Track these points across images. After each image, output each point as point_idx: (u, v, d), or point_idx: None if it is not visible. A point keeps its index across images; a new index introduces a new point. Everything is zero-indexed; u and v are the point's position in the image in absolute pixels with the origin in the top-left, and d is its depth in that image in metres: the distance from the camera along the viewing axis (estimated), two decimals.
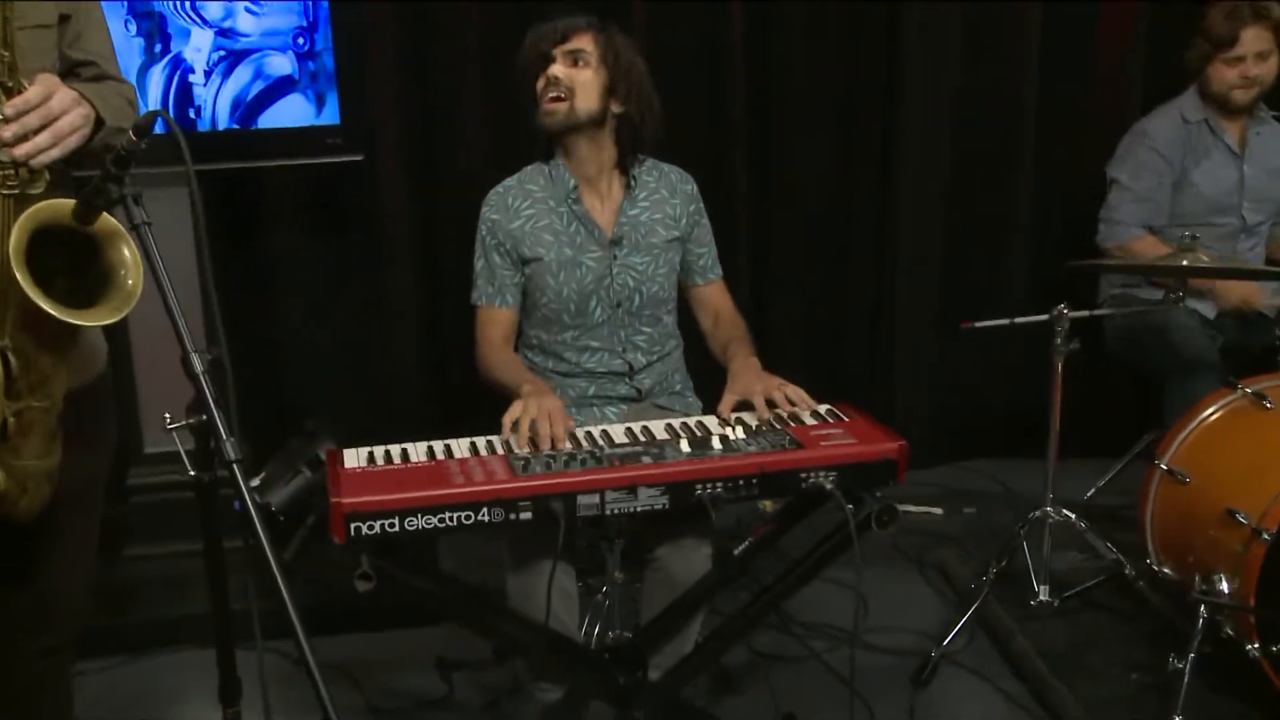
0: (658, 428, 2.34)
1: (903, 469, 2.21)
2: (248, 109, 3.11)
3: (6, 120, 1.61)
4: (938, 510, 3.76)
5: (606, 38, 2.55)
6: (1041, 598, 2.98)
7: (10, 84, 1.63)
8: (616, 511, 2.11)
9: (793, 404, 2.33)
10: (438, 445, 2.27)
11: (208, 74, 3.07)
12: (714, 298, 2.74)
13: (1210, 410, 2.86)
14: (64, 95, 1.65)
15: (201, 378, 1.54)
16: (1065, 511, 3.01)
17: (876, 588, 3.18)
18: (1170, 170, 3.38)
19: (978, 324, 2.94)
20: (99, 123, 1.73)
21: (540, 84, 2.54)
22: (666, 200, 2.67)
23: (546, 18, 2.61)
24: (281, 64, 3.10)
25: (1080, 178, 3.91)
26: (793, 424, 2.31)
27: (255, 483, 2.35)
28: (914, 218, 3.92)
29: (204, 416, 1.55)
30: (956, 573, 3.30)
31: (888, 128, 3.88)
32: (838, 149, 3.90)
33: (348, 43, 3.14)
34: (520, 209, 2.61)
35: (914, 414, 4.06)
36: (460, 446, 2.27)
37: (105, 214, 1.65)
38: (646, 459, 2.15)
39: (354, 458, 2.21)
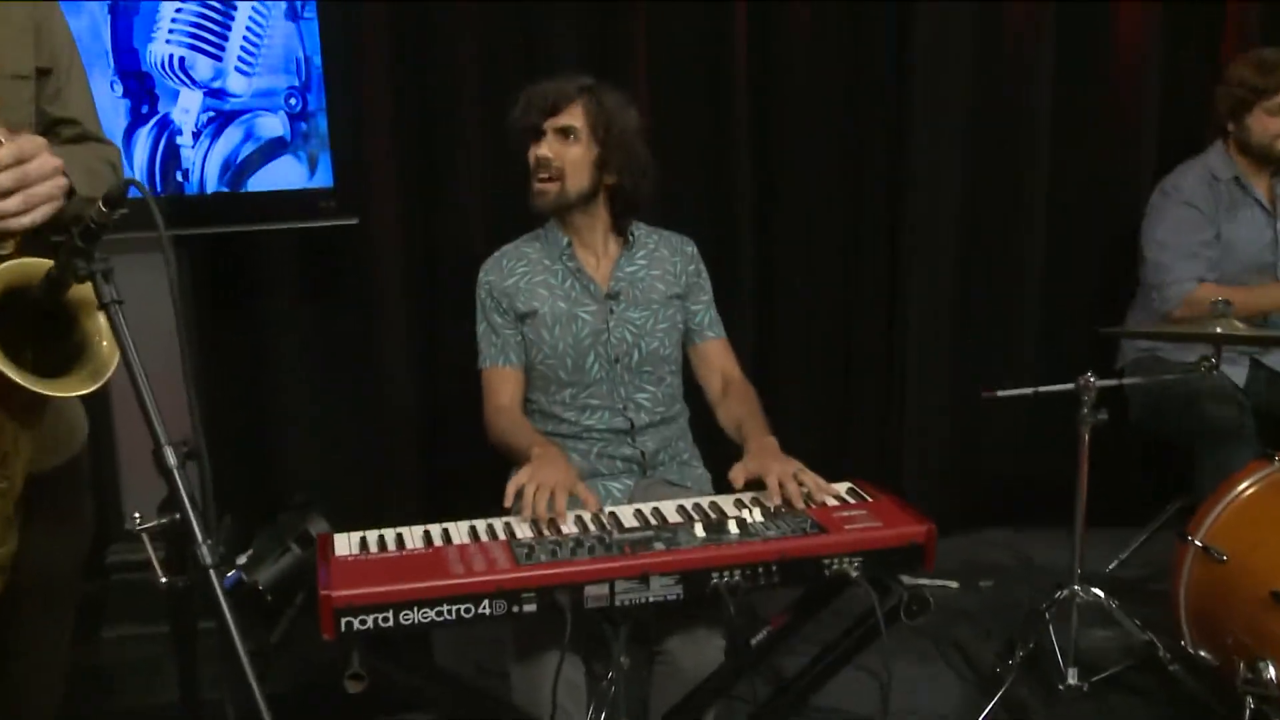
0: (669, 509, 2.21)
1: (931, 554, 2.08)
2: (238, 171, 3.01)
3: None
4: (954, 584, 3.61)
5: (597, 106, 2.49)
6: (1070, 681, 2.83)
7: None
8: (627, 603, 1.97)
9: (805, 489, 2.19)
10: (435, 530, 2.14)
11: (196, 135, 2.96)
12: (716, 356, 2.65)
13: (1246, 483, 2.72)
14: (44, 161, 1.53)
15: (175, 473, 1.40)
16: (1095, 590, 2.86)
17: (892, 668, 3.02)
18: (1209, 224, 3.26)
19: (1000, 393, 2.81)
20: (70, 191, 1.60)
21: (530, 160, 2.51)
22: (666, 259, 2.62)
23: (546, 76, 2.53)
24: (273, 125, 3.00)
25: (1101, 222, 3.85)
26: (813, 505, 2.17)
27: (243, 559, 2.23)
28: (925, 281, 3.80)
29: (177, 516, 1.41)
30: (977, 652, 3.14)
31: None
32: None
33: (342, 103, 3.03)
34: (515, 268, 2.57)
35: (924, 481, 3.91)
36: (459, 531, 2.13)
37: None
38: (659, 545, 2.01)
39: (345, 544, 2.07)
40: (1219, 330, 2.66)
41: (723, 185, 3.61)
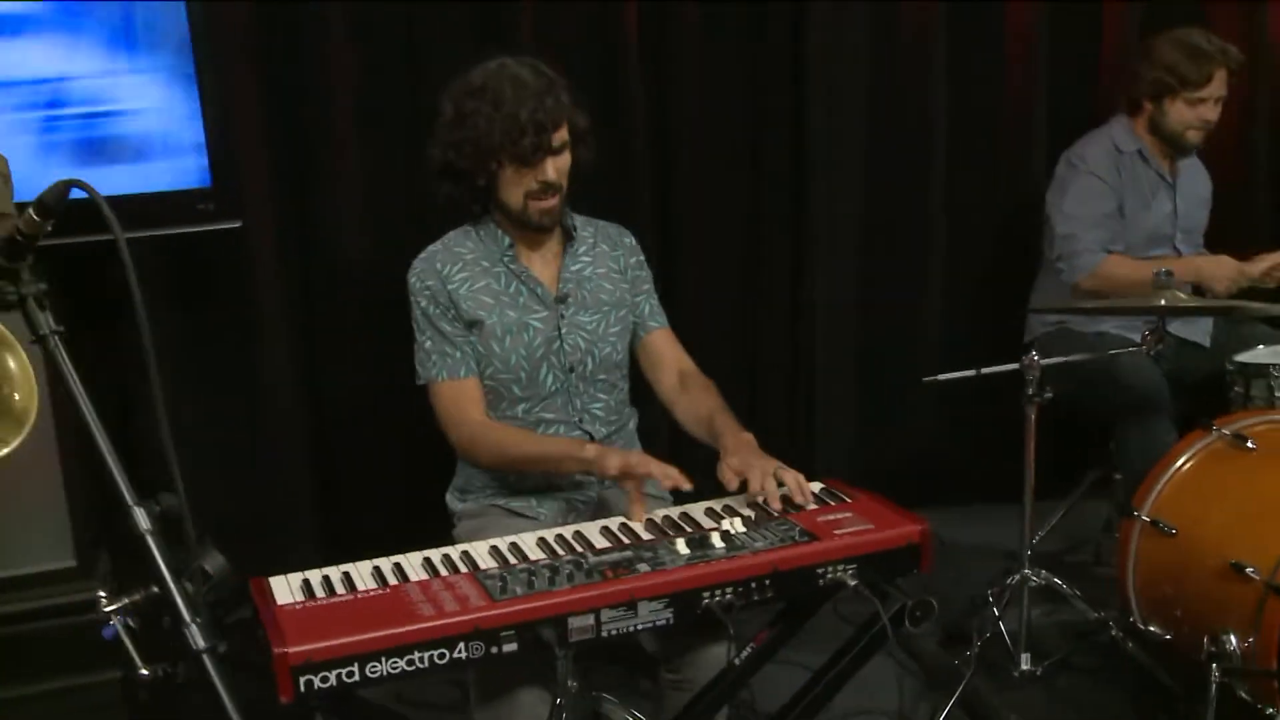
0: (636, 524, 2.04)
1: (928, 553, 1.97)
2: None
3: None
4: None
5: (577, 113, 2.28)
6: (1024, 666, 2.76)
7: None
8: (614, 632, 1.80)
9: (784, 487, 2.06)
10: (385, 565, 1.93)
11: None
12: (665, 348, 2.47)
13: (1185, 456, 2.70)
14: None
15: (149, 539, 1.16)
16: (1046, 574, 2.81)
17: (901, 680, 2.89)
18: (1114, 195, 3.24)
19: (941, 377, 2.72)
20: None
21: (532, 183, 2.24)
22: (608, 254, 2.44)
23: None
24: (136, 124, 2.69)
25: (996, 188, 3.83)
26: (790, 510, 2.03)
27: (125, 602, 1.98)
28: (829, 273, 3.70)
29: (155, 590, 1.17)
30: (921, 644, 3.05)
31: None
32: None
33: (212, 100, 2.74)
34: (452, 272, 2.32)
35: (836, 466, 3.82)
36: (413, 565, 1.93)
37: None
38: (643, 567, 1.85)
39: (286, 589, 1.84)
40: (1163, 303, 2.62)
41: (621, 186, 3.41)
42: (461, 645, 1.71)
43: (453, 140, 2.24)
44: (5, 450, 1.27)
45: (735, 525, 1.97)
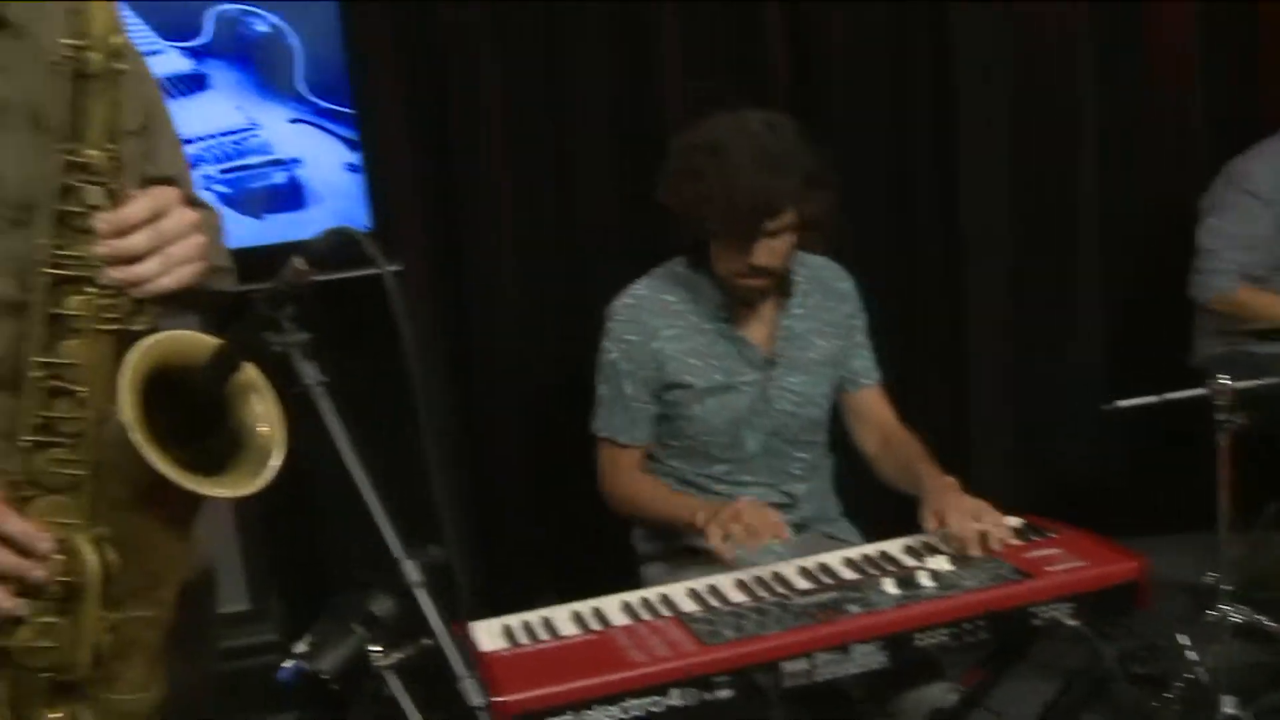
0: (835, 563, 1.99)
1: (1147, 592, 1.88)
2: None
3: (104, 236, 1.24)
4: None
5: (808, 195, 2.13)
6: (1228, 710, 2.63)
7: (114, 187, 1.25)
8: (827, 677, 1.75)
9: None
10: (584, 610, 1.90)
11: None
12: (874, 406, 2.38)
13: None
14: (181, 216, 1.28)
15: (419, 592, 1.15)
16: (1249, 610, 2.68)
17: (1017, 710, 2.78)
18: (1271, 216, 3.12)
19: (1122, 404, 2.62)
20: None
21: (740, 265, 2.14)
22: (822, 304, 2.33)
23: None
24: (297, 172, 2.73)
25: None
26: (998, 548, 1.96)
27: (302, 647, 1.97)
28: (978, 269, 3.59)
29: (428, 642, 1.15)
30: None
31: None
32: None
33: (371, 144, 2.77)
34: (659, 328, 2.24)
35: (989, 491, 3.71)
36: (612, 609, 1.89)
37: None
38: (853, 608, 1.79)
39: (489, 636, 1.81)
40: None
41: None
42: (675, 692, 1.67)
43: (675, 190, 2.16)
44: (257, 485, 1.26)
45: (942, 564, 1.90)
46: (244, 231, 2.59)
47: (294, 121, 2.70)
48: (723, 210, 2.08)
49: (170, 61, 2.57)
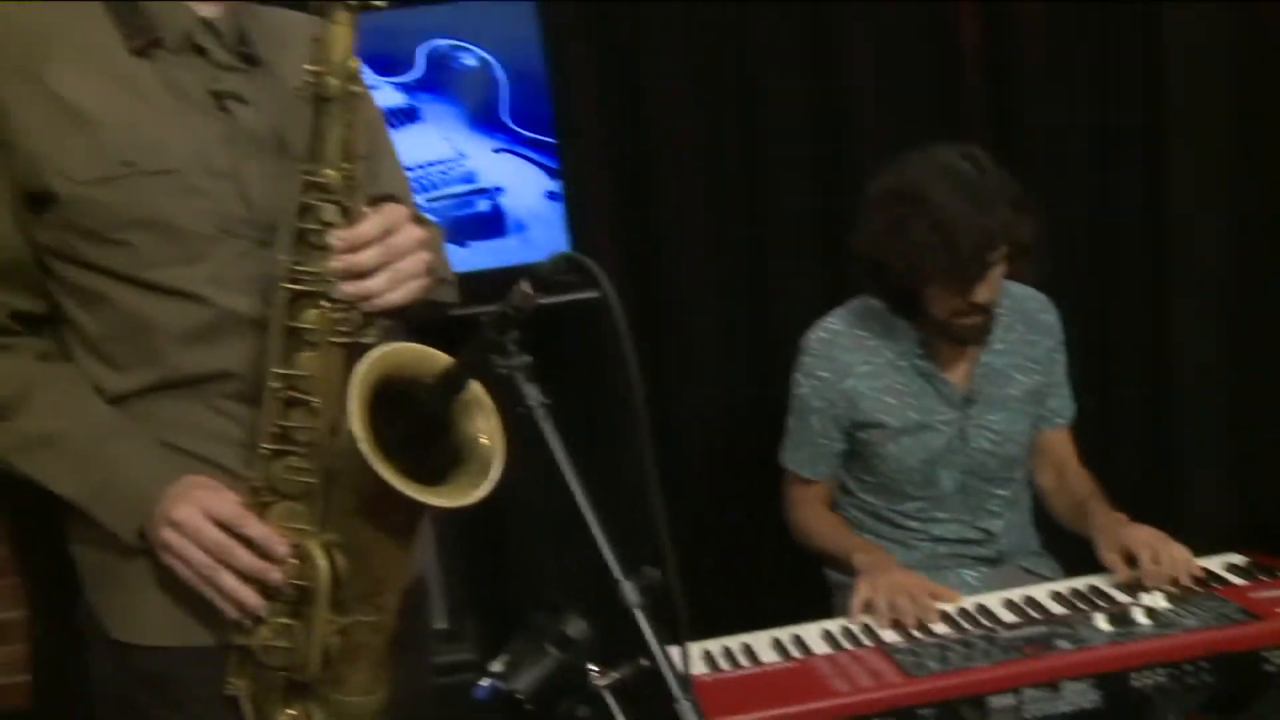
0: (1042, 596, 1.93)
1: None
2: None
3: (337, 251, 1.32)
4: None
5: (1019, 223, 2.07)
6: None
7: (349, 204, 1.32)
8: (1036, 714, 1.69)
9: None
10: (784, 637, 1.89)
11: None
12: (1058, 446, 2.31)
13: None
14: (410, 233, 1.34)
15: (638, 613, 1.16)
16: None
17: None
18: None
19: None
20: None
21: (962, 304, 2.07)
22: (1025, 338, 2.25)
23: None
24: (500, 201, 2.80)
25: None
26: (1216, 585, 1.87)
27: (498, 666, 2.00)
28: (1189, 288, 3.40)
29: (646, 663, 1.17)
30: None
31: None
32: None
33: (574, 171, 2.82)
34: (853, 365, 2.20)
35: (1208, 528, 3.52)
36: (812, 637, 1.87)
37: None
38: (1063, 643, 1.73)
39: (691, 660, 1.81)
40: None
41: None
42: None
43: (880, 243, 2.08)
44: (478, 494, 1.30)
45: (1159, 600, 1.82)
46: (449, 257, 2.68)
47: (498, 151, 2.77)
48: (943, 257, 2.00)
49: (384, 96, 2.67)
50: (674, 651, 1.80)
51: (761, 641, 1.87)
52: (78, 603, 1.52)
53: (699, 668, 1.78)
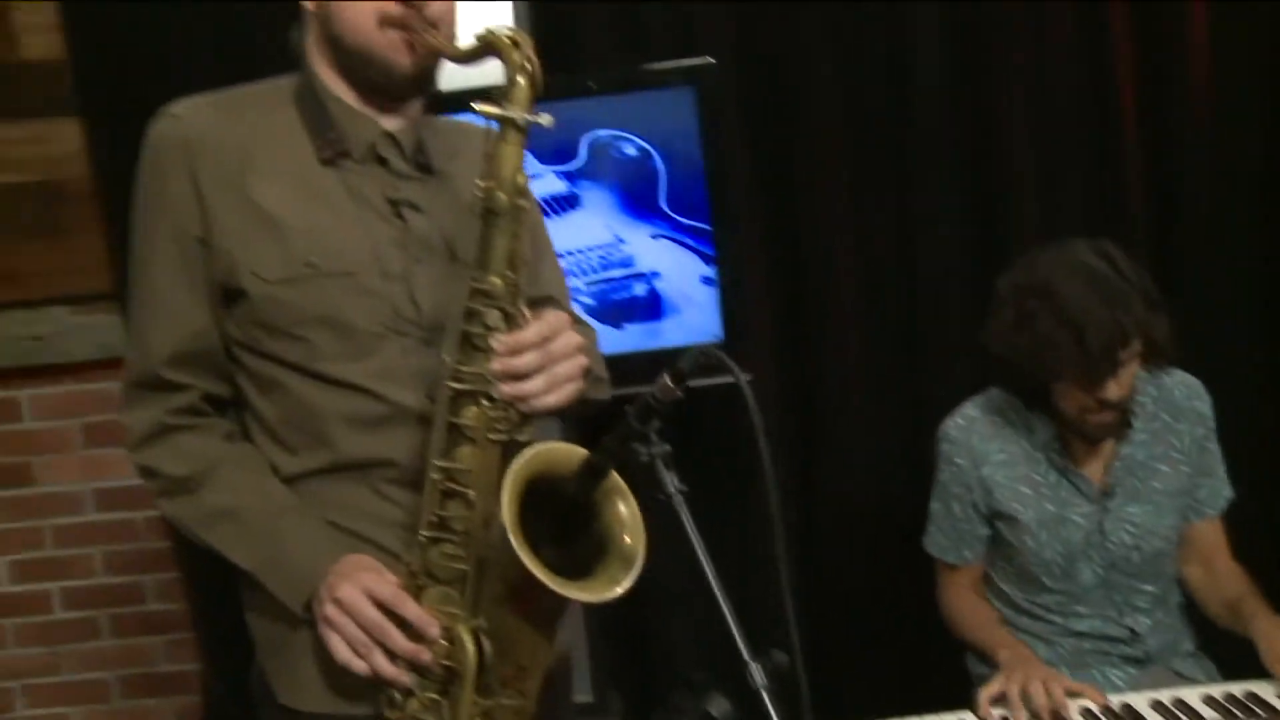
0: (1193, 699, 1.90)
1: None
2: None
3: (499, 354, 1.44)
4: None
5: (1152, 320, 2.08)
6: None
7: (513, 311, 1.44)
8: None
9: None
10: None
11: None
12: (1207, 538, 2.26)
13: None
14: (568, 340, 1.44)
15: (764, 694, 1.21)
16: None
17: None
18: None
19: None
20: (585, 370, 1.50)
21: (1091, 401, 2.08)
22: (1169, 428, 2.22)
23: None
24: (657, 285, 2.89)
25: None
26: None
27: None
28: None
29: None
30: None
31: None
32: None
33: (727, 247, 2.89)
34: (989, 453, 2.22)
35: None
36: None
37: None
38: None
39: None
40: None
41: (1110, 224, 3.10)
42: None
43: (1009, 338, 2.12)
44: (620, 589, 1.37)
45: None
46: (604, 339, 2.77)
47: (655, 237, 2.87)
48: (1072, 353, 2.01)
49: (548, 183, 2.80)
50: None
51: None
52: (250, 664, 1.65)
53: None
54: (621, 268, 2.90)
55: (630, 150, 2.84)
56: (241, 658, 1.75)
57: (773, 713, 1.25)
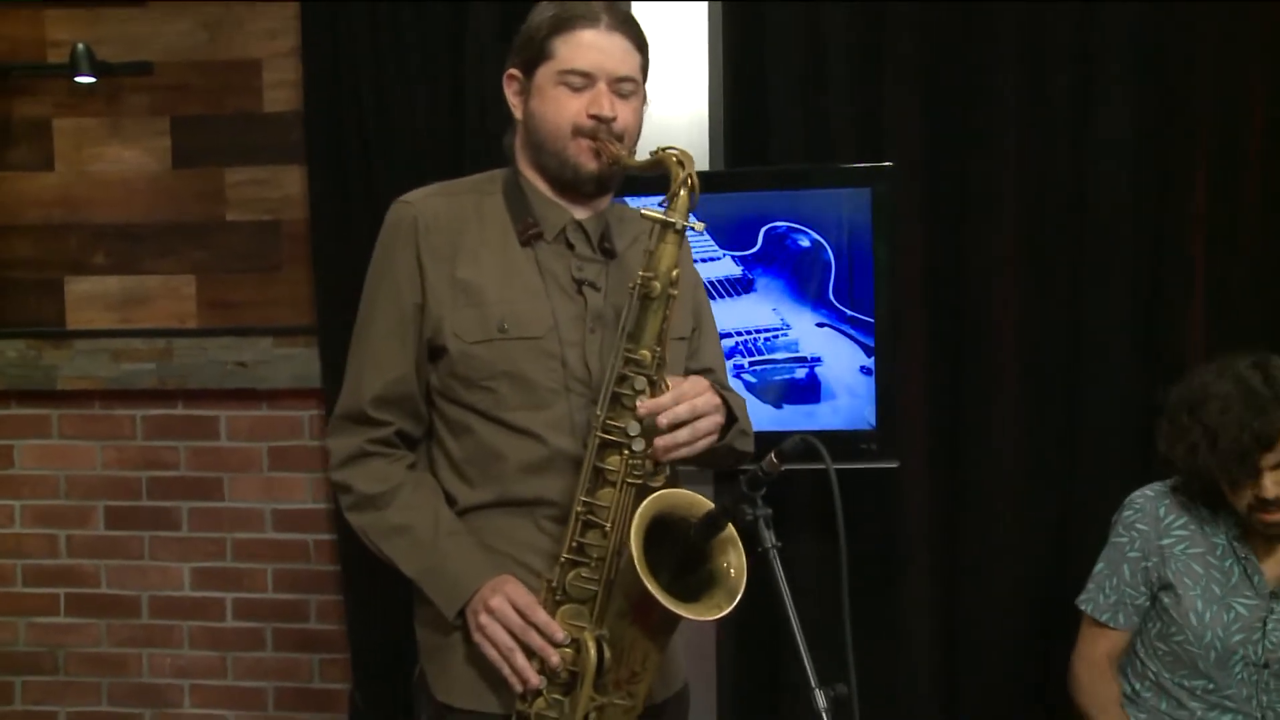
0: None
1: None
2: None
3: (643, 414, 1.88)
4: None
5: None
6: None
7: (656, 379, 1.89)
8: None
9: None
10: None
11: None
12: None
13: None
14: (709, 399, 1.91)
15: (824, 716, 1.61)
16: None
17: None
18: None
19: None
20: (728, 425, 1.98)
21: (1252, 497, 2.39)
22: None
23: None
24: (817, 370, 3.31)
25: None
26: None
27: None
28: None
29: None
30: None
31: None
32: None
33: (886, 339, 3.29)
34: (1172, 526, 2.54)
35: None
36: None
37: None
38: None
39: None
40: None
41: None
42: None
43: (1169, 446, 2.49)
44: (722, 613, 1.79)
45: None
46: (763, 417, 3.19)
47: (820, 325, 3.29)
48: (1208, 459, 2.37)
49: (724, 266, 3.26)
50: None
51: None
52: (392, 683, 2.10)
53: None
54: (786, 351, 3.33)
55: (804, 242, 3.28)
56: (386, 677, 2.18)
57: None
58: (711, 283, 3.25)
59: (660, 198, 1.91)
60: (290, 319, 3.86)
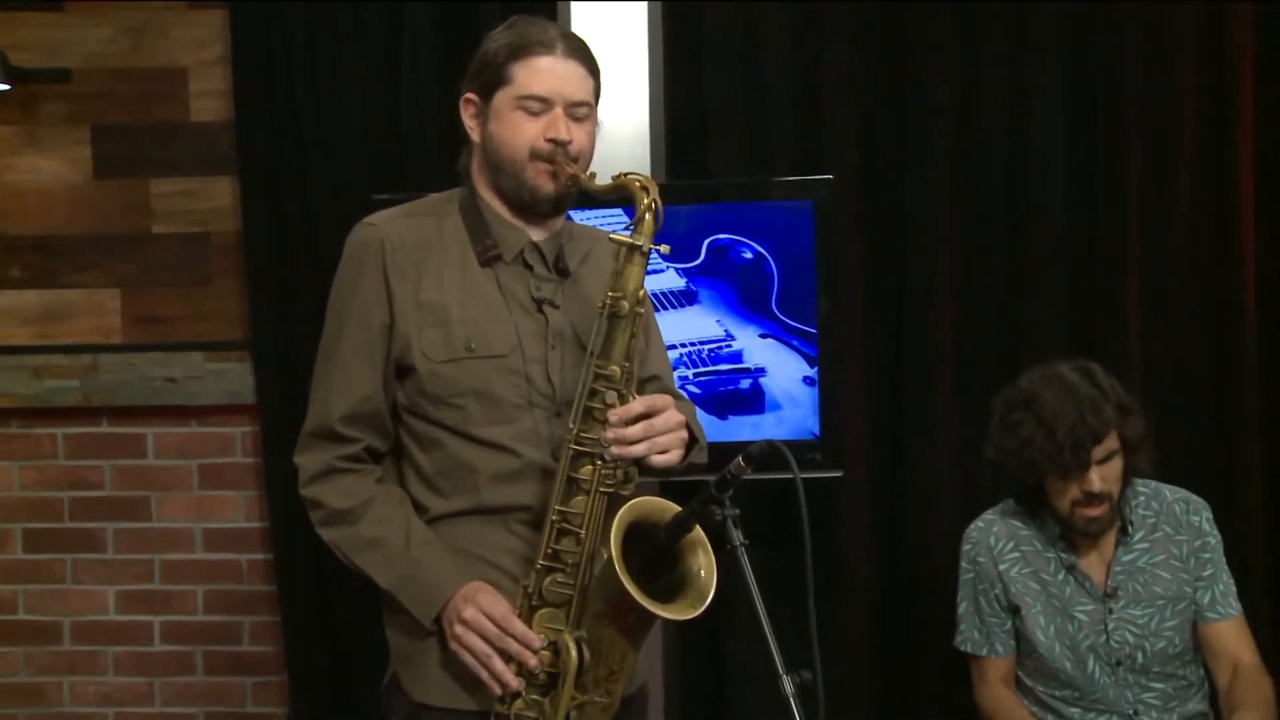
0: None
1: None
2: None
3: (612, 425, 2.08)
4: None
5: (1125, 422, 2.70)
6: None
7: (625, 392, 2.11)
8: None
9: None
10: None
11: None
12: (1226, 640, 2.76)
13: None
14: (669, 416, 2.12)
15: (791, 701, 1.84)
16: None
17: None
18: None
19: None
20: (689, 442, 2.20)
21: (1078, 492, 2.67)
22: (1168, 540, 2.78)
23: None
24: (759, 381, 3.55)
25: None
26: None
27: None
28: None
29: None
30: None
31: None
32: None
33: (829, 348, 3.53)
34: (1006, 551, 2.83)
35: None
36: None
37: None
38: None
39: None
40: None
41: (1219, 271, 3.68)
42: None
43: (998, 445, 2.76)
44: (695, 612, 2.01)
45: None
46: (708, 427, 3.40)
47: (763, 336, 3.53)
48: (1046, 449, 2.64)
49: (668, 279, 3.49)
50: None
51: None
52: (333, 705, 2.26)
53: None
54: (730, 363, 3.57)
55: (747, 254, 3.53)
56: (324, 700, 2.29)
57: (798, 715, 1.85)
58: (656, 295, 3.47)
59: (613, 211, 2.09)
60: (221, 333, 4.00)
